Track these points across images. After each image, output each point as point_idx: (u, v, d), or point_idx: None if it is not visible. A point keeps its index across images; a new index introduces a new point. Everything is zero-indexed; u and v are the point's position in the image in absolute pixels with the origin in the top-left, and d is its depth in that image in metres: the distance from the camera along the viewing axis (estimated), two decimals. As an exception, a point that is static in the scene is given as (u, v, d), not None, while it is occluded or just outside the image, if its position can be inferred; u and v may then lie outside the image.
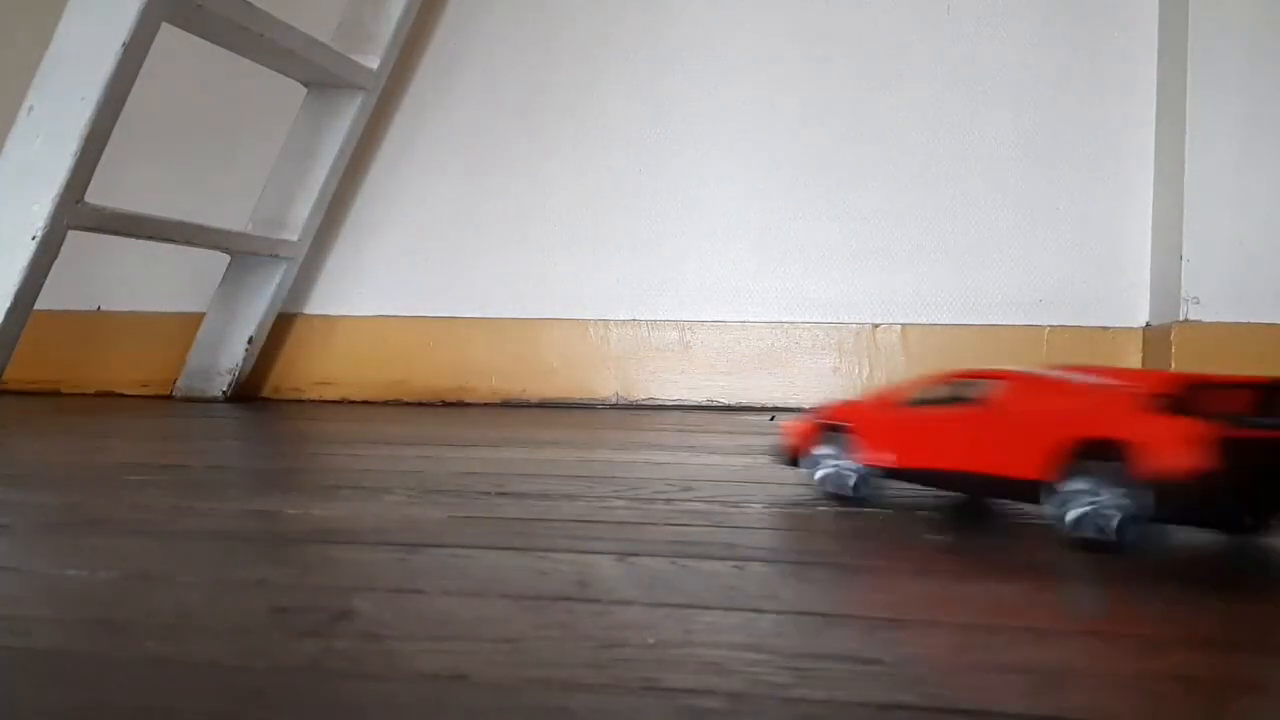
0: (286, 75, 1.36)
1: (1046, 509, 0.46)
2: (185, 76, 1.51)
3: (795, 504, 0.61)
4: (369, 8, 1.40)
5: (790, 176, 1.41)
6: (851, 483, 0.58)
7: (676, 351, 1.43)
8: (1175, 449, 0.42)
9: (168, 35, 1.11)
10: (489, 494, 0.63)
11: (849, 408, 0.61)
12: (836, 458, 0.59)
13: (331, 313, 1.52)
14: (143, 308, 1.56)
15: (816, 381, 1.39)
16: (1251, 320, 1.18)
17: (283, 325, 1.51)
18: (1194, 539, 0.49)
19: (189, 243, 1.26)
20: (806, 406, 1.39)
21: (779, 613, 0.37)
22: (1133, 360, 1.33)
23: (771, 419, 1.26)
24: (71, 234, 1.07)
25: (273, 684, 0.30)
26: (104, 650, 0.33)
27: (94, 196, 1.09)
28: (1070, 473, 0.45)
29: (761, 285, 1.42)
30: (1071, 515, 0.45)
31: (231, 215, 1.42)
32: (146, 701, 0.29)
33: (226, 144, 1.54)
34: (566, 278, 1.46)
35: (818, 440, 0.60)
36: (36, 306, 1.08)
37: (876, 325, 1.39)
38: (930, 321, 1.38)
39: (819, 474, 0.60)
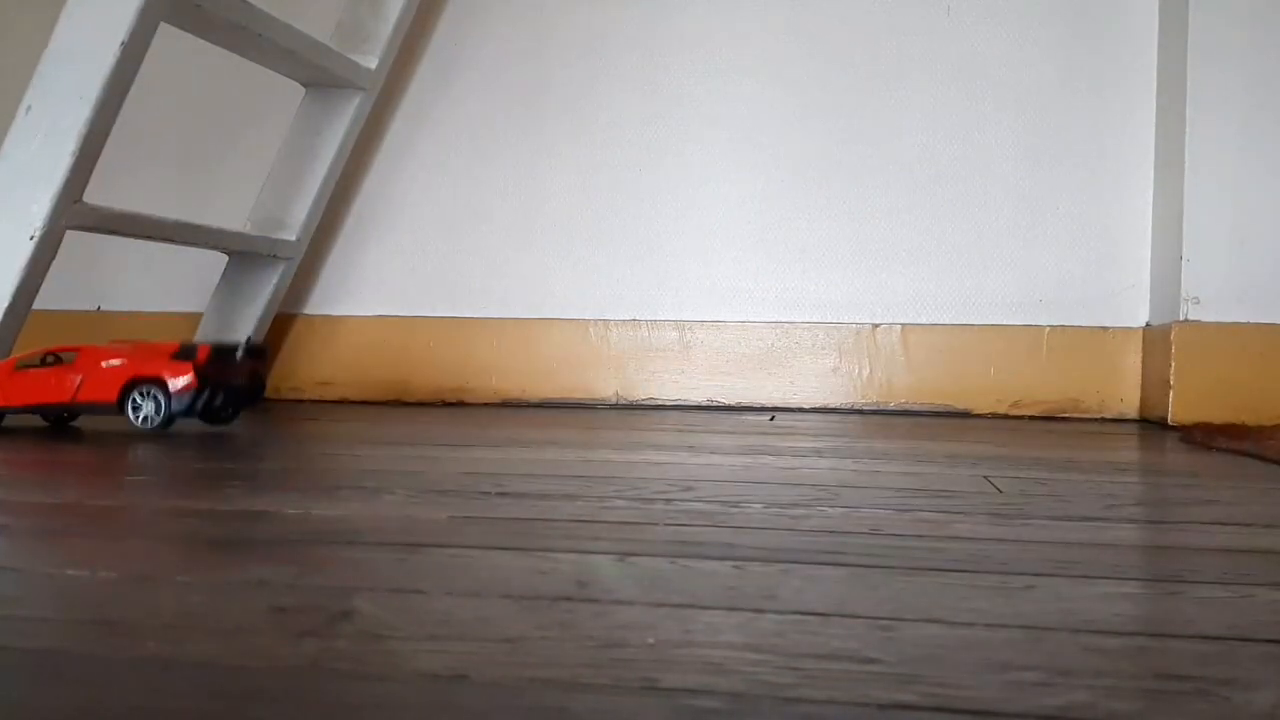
0: (285, 75, 1.36)
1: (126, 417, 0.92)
2: (184, 76, 1.51)
3: (795, 504, 0.61)
4: (368, 8, 1.40)
5: (790, 176, 1.41)
6: None
7: (676, 351, 1.43)
8: (181, 376, 0.93)
9: (167, 35, 1.10)
10: (489, 494, 0.63)
11: None
12: None
13: (331, 313, 1.52)
14: (142, 308, 1.56)
15: (816, 381, 1.39)
16: (1251, 320, 1.18)
17: (282, 325, 1.51)
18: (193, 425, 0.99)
19: (187, 243, 1.26)
20: (807, 406, 1.40)
21: (779, 613, 0.37)
22: (1133, 360, 1.33)
23: (771, 419, 1.26)
24: (70, 234, 1.07)
25: (273, 684, 0.30)
26: (104, 650, 0.33)
27: (92, 196, 1.08)
28: (131, 393, 0.95)
29: (761, 285, 1.42)
30: (137, 417, 0.94)
31: (230, 215, 1.42)
32: (146, 701, 0.28)
33: (225, 144, 1.54)
34: (566, 278, 1.46)
35: None
36: (36, 306, 1.08)
37: (876, 325, 1.39)
38: (930, 321, 1.38)
39: None
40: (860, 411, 1.38)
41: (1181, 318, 1.20)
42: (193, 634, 0.34)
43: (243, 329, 1.42)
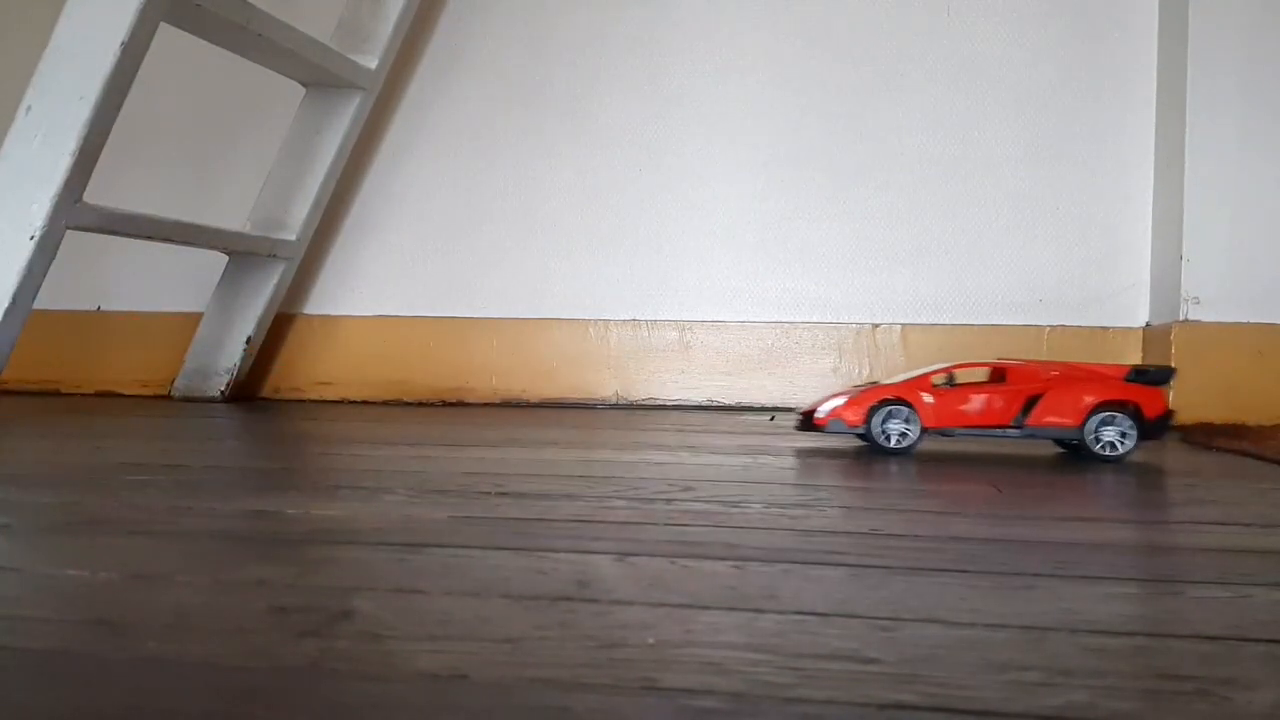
0: (285, 75, 1.36)
1: None
2: (184, 76, 1.51)
3: (795, 504, 0.61)
4: (368, 7, 1.40)
5: (790, 176, 1.41)
6: None
7: (676, 351, 1.43)
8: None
9: (167, 35, 1.10)
10: (489, 494, 0.63)
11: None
12: None
13: (331, 313, 1.52)
14: (142, 307, 1.56)
15: (816, 381, 1.39)
16: (1251, 320, 1.18)
17: (282, 325, 1.51)
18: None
19: (187, 243, 1.26)
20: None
21: (779, 613, 0.37)
22: (1133, 360, 1.33)
23: (771, 419, 1.26)
24: (70, 234, 1.07)
25: (273, 684, 0.30)
26: (104, 650, 0.33)
27: (92, 196, 1.09)
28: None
29: (761, 285, 1.42)
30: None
31: (230, 215, 1.42)
32: (146, 701, 0.28)
33: (225, 144, 1.54)
34: (566, 278, 1.46)
35: None
36: (35, 306, 1.08)
37: (876, 325, 1.39)
38: (930, 321, 1.38)
39: None
40: (860, 411, 1.37)
41: (1181, 318, 1.20)
42: (193, 634, 0.34)
43: (242, 329, 1.42)
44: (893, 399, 0.86)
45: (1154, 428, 0.84)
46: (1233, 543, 0.52)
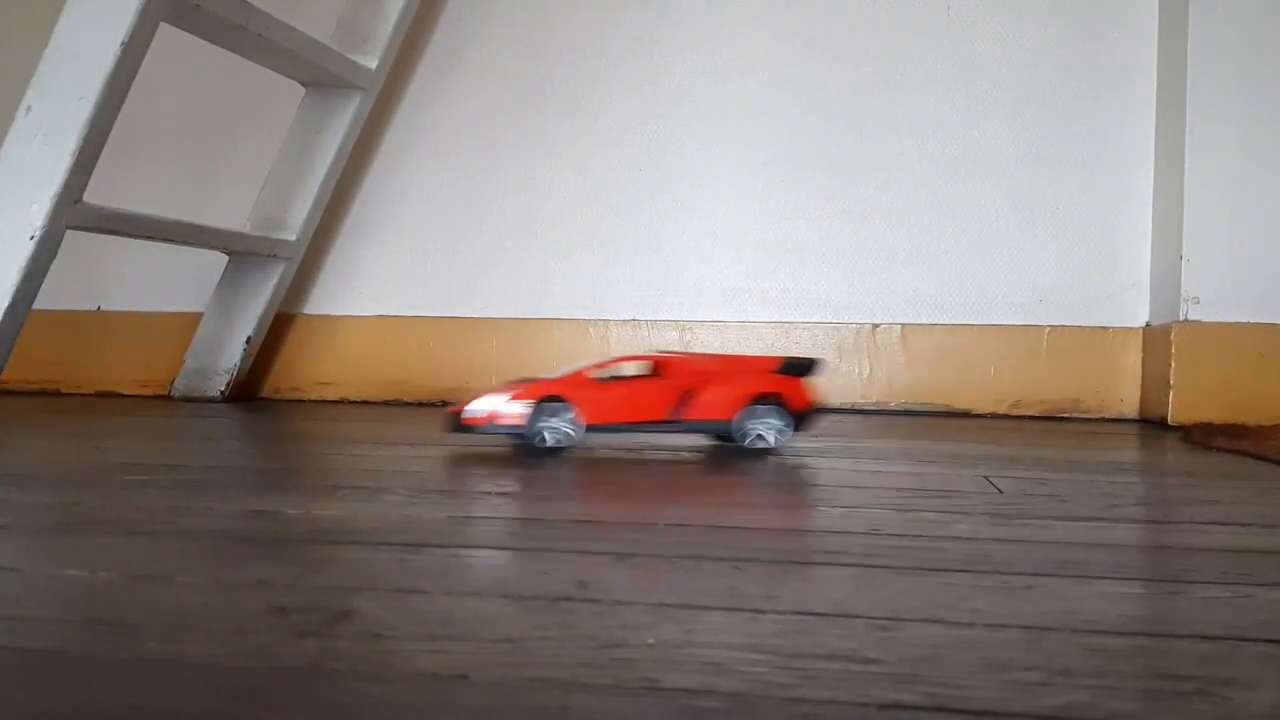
0: (285, 75, 1.36)
1: None
2: (184, 77, 1.51)
3: (795, 504, 0.61)
4: (368, 8, 1.40)
5: (790, 176, 1.41)
6: None
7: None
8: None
9: (167, 35, 1.11)
10: (489, 494, 0.63)
11: None
12: None
13: (331, 313, 1.52)
14: (142, 308, 1.56)
15: (816, 381, 1.39)
16: (1251, 320, 1.18)
17: (282, 325, 1.51)
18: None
19: (187, 243, 1.26)
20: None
21: (779, 613, 0.37)
22: (1133, 360, 1.33)
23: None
24: (70, 234, 1.07)
25: (273, 684, 0.30)
26: (104, 650, 0.33)
27: (92, 196, 1.09)
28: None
29: (761, 285, 1.42)
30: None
31: (230, 215, 1.42)
32: (146, 701, 0.28)
33: (225, 144, 1.54)
34: (566, 277, 1.46)
35: None
36: (35, 306, 1.08)
37: (876, 325, 1.39)
38: (930, 321, 1.38)
39: None
40: (860, 411, 1.38)
41: (1181, 318, 1.20)
42: (193, 634, 0.34)
43: (242, 329, 1.42)
44: (551, 396, 0.82)
45: (802, 418, 0.86)
46: (1233, 543, 0.52)
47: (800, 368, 0.87)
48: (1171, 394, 1.19)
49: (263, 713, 0.28)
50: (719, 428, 0.85)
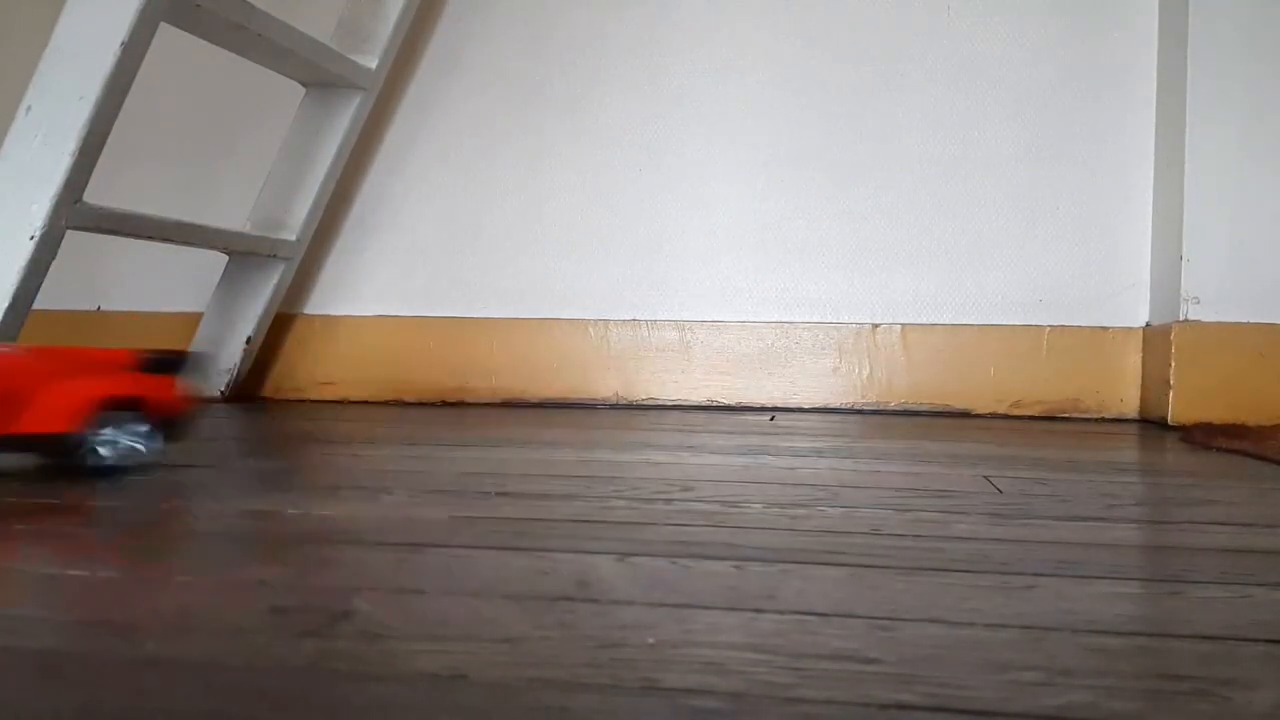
0: (285, 75, 1.36)
1: None
2: (184, 76, 1.51)
3: (795, 504, 0.61)
4: (368, 7, 1.40)
5: (790, 176, 1.41)
6: None
7: (676, 351, 1.43)
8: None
9: (167, 35, 1.10)
10: (489, 494, 0.63)
11: None
12: None
13: (331, 313, 1.52)
14: (142, 308, 1.56)
15: (816, 381, 1.39)
16: (1251, 320, 1.18)
17: (283, 325, 1.51)
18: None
19: (187, 243, 1.26)
20: (807, 406, 1.40)
21: (779, 613, 0.37)
22: (1133, 360, 1.33)
23: (771, 419, 1.26)
24: (70, 234, 1.07)
25: (273, 684, 0.30)
26: (104, 650, 0.33)
27: (93, 196, 1.08)
28: None
29: (761, 285, 1.42)
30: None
31: (230, 215, 1.42)
32: (146, 701, 0.28)
33: (225, 144, 1.54)
34: (566, 277, 1.46)
35: None
36: (35, 306, 1.08)
37: (876, 325, 1.39)
38: (930, 321, 1.38)
39: None
40: (860, 411, 1.38)
41: (1181, 318, 1.20)
42: (193, 634, 0.34)
43: (243, 329, 1.42)
44: None
45: (173, 426, 0.70)
46: (1233, 543, 0.52)
47: (168, 363, 0.70)
48: (1171, 394, 1.19)
49: (263, 713, 0.28)
50: (52, 443, 0.65)
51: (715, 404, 1.42)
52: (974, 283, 1.37)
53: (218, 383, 1.42)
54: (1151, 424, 1.26)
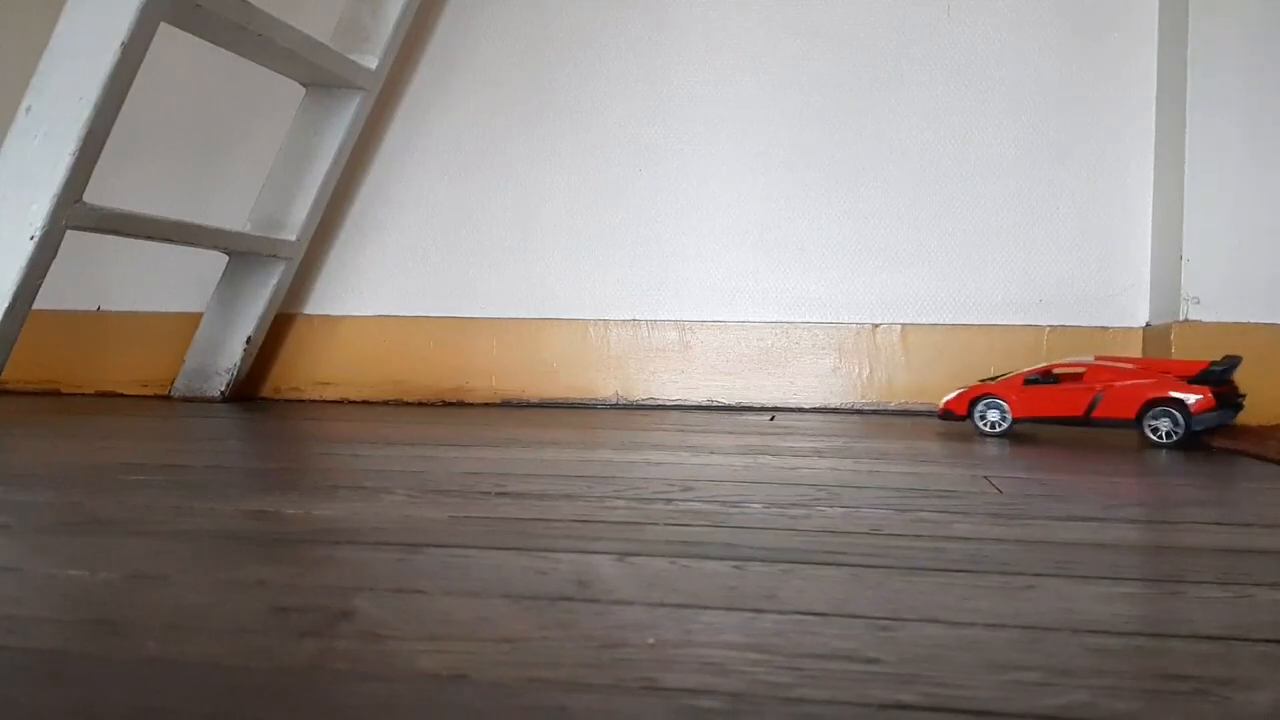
0: (285, 75, 1.36)
1: None
2: (184, 77, 1.51)
3: (795, 504, 0.61)
4: (368, 8, 1.40)
5: (790, 176, 1.41)
6: None
7: (676, 351, 1.43)
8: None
9: (167, 35, 1.10)
10: (489, 494, 0.63)
11: None
12: None
13: (331, 313, 1.52)
14: (142, 308, 1.56)
15: (816, 382, 1.39)
16: (1251, 320, 1.18)
17: (282, 325, 1.51)
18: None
19: (187, 243, 1.26)
20: (807, 406, 1.40)
21: (779, 613, 0.37)
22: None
23: (771, 419, 1.26)
24: (70, 234, 1.07)
25: (273, 684, 0.30)
26: (104, 650, 0.33)
27: (92, 196, 1.09)
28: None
29: (761, 285, 1.42)
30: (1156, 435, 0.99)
31: (230, 215, 1.42)
32: (146, 701, 0.28)
33: (225, 144, 1.54)
34: (566, 278, 1.46)
35: None
36: (36, 306, 1.08)
37: (876, 325, 1.39)
38: (930, 321, 1.38)
39: None
40: (860, 411, 1.38)
41: (1181, 318, 1.20)
42: (193, 634, 0.34)
43: (243, 329, 1.42)
44: (986, 395, 1.01)
45: (1200, 418, 0.98)
46: (1233, 543, 0.52)
47: (1215, 376, 0.99)
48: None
49: (263, 713, 0.28)
50: (1123, 424, 0.99)
51: (715, 404, 1.42)
52: (974, 283, 1.37)
53: (217, 383, 1.42)
54: (1151, 424, 1.26)
